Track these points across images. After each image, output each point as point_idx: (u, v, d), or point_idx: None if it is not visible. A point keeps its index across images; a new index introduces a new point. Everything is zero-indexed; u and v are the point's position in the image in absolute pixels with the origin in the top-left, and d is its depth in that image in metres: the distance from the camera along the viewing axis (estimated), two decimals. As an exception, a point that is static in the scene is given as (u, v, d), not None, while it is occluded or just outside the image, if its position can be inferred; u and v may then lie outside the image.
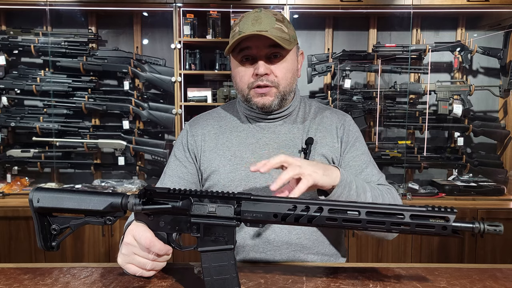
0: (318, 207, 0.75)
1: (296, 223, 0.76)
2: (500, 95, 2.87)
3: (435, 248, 2.60)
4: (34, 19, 2.89)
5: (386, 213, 0.75)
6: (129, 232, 0.81)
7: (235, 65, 1.09)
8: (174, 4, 2.63)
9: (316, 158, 1.09)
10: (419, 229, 0.74)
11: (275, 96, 1.07)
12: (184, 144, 1.16)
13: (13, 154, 2.84)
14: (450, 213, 0.73)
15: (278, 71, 1.05)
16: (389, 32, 2.98)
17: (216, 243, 0.78)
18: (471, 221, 0.73)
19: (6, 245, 2.59)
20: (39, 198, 0.80)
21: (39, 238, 0.81)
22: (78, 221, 0.82)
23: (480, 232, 0.73)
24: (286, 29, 1.04)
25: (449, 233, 0.73)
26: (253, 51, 1.03)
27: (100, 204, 0.80)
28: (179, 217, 0.79)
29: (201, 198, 0.78)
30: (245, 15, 1.05)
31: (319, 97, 2.93)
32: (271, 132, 1.13)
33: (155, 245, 0.78)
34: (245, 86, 1.07)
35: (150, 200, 0.79)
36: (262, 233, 1.07)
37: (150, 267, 0.80)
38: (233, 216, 0.77)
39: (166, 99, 2.94)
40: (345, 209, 0.75)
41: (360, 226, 0.75)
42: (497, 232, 0.72)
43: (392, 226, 0.74)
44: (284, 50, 1.04)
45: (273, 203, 0.77)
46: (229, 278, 0.77)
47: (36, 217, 0.81)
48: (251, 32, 0.99)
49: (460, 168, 2.91)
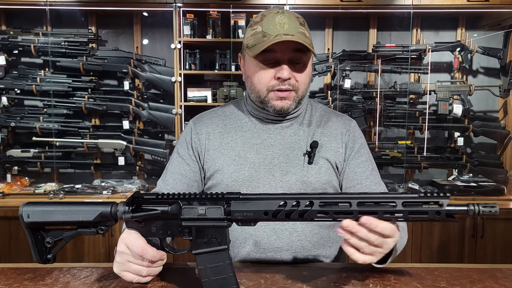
0: (309, 202, 0.75)
1: (288, 219, 0.76)
2: (500, 95, 2.87)
3: (435, 248, 2.60)
4: (34, 19, 2.88)
5: (378, 202, 0.74)
6: (121, 240, 0.81)
7: (253, 65, 1.06)
8: (174, 4, 2.62)
9: (320, 162, 1.09)
10: (412, 216, 0.73)
11: (294, 100, 1.07)
12: (188, 141, 1.15)
13: (13, 154, 2.84)
14: (443, 197, 0.72)
15: (299, 76, 1.05)
16: (389, 32, 2.98)
17: (209, 245, 0.78)
18: (465, 204, 0.72)
19: (6, 245, 2.59)
20: (29, 213, 0.79)
21: (34, 252, 0.81)
22: (71, 233, 0.82)
23: (475, 214, 0.71)
24: (307, 33, 1.03)
25: (443, 217, 0.72)
26: (277, 54, 1.02)
27: (90, 215, 0.80)
28: (170, 222, 0.80)
29: (190, 201, 0.78)
30: (267, 15, 1.03)
31: (319, 97, 2.93)
32: (277, 133, 1.12)
33: (147, 252, 0.78)
34: (264, 88, 1.06)
35: (139, 207, 0.79)
36: (263, 235, 1.06)
37: (145, 273, 0.81)
38: (224, 216, 0.77)
39: (166, 99, 2.94)
40: (336, 201, 0.75)
41: (353, 218, 0.74)
42: (492, 212, 0.70)
43: (385, 215, 0.73)
44: (306, 56, 1.04)
45: (263, 200, 0.77)
46: (226, 278, 0.77)
47: (28, 232, 0.80)
48: (277, 36, 0.97)
49: (460, 168, 2.91)
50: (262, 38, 1.00)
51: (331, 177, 1.10)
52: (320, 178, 1.08)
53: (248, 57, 1.06)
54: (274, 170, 1.08)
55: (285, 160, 1.09)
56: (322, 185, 1.08)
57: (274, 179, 1.07)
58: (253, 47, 1.01)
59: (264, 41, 0.99)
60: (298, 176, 1.07)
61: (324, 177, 1.08)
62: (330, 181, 1.09)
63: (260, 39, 1.00)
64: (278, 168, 1.08)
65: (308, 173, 1.08)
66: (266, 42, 0.98)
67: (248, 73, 1.09)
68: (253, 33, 1.03)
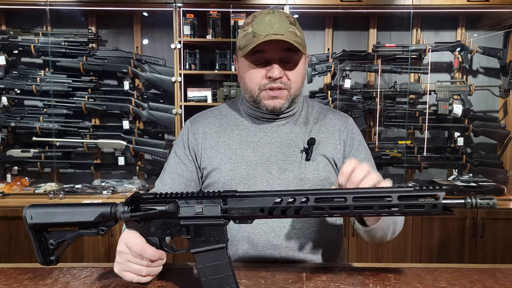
0: (304, 197, 0.75)
1: (284, 215, 0.76)
2: (500, 95, 2.87)
3: (435, 248, 2.60)
4: (34, 19, 2.88)
5: (373, 196, 0.74)
6: (121, 240, 0.81)
7: (244, 65, 1.08)
8: (174, 4, 2.63)
9: (318, 159, 1.10)
10: (408, 210, 0.72)
11: (286, 99, 1.07)
12: (185, 141, 1.16)
13: (13, 154, 2.84)
14: (439, 190, 0.71)
15: (291, 75, 1.05)
16: (389, 32, 2.98)
17: (208, 243, 0.78)
18: (462, 197, 0.71)
19: (6, 245, 2.59)
20: (32, 215, 0.81)
21: (38, 254, 0.82)
22: (73, 234, 0.83)
23: (473, 207, 0.70)
24: (299, 32, 1.04)
25: (439, 211, 0.71)
26: (267, 54, 1.03)
27: (91, 216, 0.81)
28: (169, 221, 0.80)
29: (187, 200, 0.78)
30: (258, 16, 1.04)
31: (319, 97, 2.93)
32: (273, 131, 1.13)
33: (147, 251, 0.79)
34: (256, 87, 1.07)
35: (138, 207, 0.79)
36: (261, 233, 1.07)
37: (145, 273, 0.81)
38: (220, 214, 0.77)
39: (166, 99, 2.94)
40: (331, 197, 0.75)
41: (348, 213, 0.74)
42: (490, 205, 0.69)
43: (381, 210, 0.73)
44: (297, 55, 1.04)
45: (259, 197, 0.77)
46: (225, 277, 0.77)
47: (32, 234, 0.81)
48: (267, 36, 0.98)
49: (460, 168, 2.91)
50: (252, 39, 1.01)
51: (329, 174, 1.10)
52: (318, 175, 1.08)
53: (241, 58, 1.08)
54: (272, 167, 1.08)
55: (283, 158, 1.09)
56: (320, 181, 1.08)
57: (271, 176, 1.08)
58: (244, 47, 1.03)
59: (253, 41, 1.00)
60: (296, 173, 1.08)
61: (322, 173, 1.09)
62: (328, 178, 1.10)
63: (250, 40, 1.01)
64: (275, 165, 1.09)
65: (306, 170, 1.08)
66: (255, 42, 1.00)
67: (241, 73, 1.11)
68: (244, 34, 1.04)
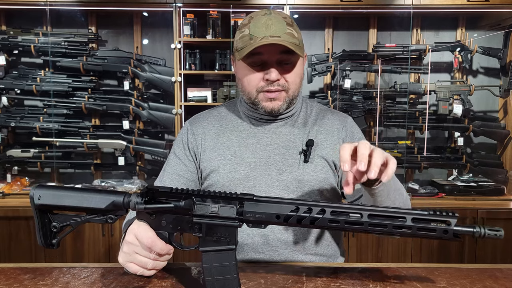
0: (321, 209, 0.75)
1: (299, 224, 0.76)
2: (500, 95, 2.87)
3: (435, 248, 2.60)
4: (34, 19, 2.88)
5: (388, 216, 0.75)
6: (131, 231, 0.80)
7: (242, 67, 1.07)
8: (174, 4, 2.63)
9: (316, 160, 1.10)
10: (420, 233, 0.74)
11: (284, 101, 1.07)
12: (184, 142, 1.16)
13: (13, 154, 2.84)
14: (451, 217, 0.74)
15: (288, 77, 1.05)
16: (389, 32, 2.98)
17: (218, 243, 0.78)
18: (472, 225, 0.74)
19: (6, 245, 2.59)
20: (40, 195, 0.80)
21: (39, 235, 0.81)
22: (79, 219, 0.81)
23: (481, 236, 0.73)
24: (296, 33, 1.03)
25: (450, 236, 0.73)
26: (264, 56, 1.02)
27: (102, 202, 0.79)
28: (181, 217, 0.79)
29: (203, 198, 0.78)
30: (254, 17, 1.03)
31: (319, 97, 2.93)
32: (272, 132, 1.12)
33: (156, 245, 0.78)
34: (253, 90, 1.06)
35: (152, 199, 0.78)
36: (261, 233, 1.07)
37: (151, 266, 0.80)
38: (236, 216, 0.77)
39: (166, 99, 2.94)
40: (348, 211, 0.75)
41: (362, 229, 0.75)
42: (497, 236, 0.72)
43: (394, 229, 0.74)
44: (294, 56, 1.03)
45: (276, 204, 0.77)
46: (230, 279, 0.77)
47: (36, 214, 0.80)
48: (263, 38, 0.97)
49: (460, 168, 2.91)
50: (249, 41, 1.00)
51: (328, 175, 1.10)
52: (316, 176, 1.08)
53: (237, 61, 1.07)
54: (270, 169, 1.08)
55: (281, 159, 1.09)
56: (319, 183, 1.08)
57: (270, 178, 1.08)
58: (241, 50, 1.02)
59: (250, 44, 0.99)
60: (294, 175, 1.08)
61: (321, 175, 1.09)
62: (326, 179, 1.09)
63: (247, 42, 1.01)
64: (274, 167, 1.09)
65: (304, 172, 1.08)
66: (252, 45, 0.99)
67: (239, 76, 1.10)
68: (241, 36, 1.03)
